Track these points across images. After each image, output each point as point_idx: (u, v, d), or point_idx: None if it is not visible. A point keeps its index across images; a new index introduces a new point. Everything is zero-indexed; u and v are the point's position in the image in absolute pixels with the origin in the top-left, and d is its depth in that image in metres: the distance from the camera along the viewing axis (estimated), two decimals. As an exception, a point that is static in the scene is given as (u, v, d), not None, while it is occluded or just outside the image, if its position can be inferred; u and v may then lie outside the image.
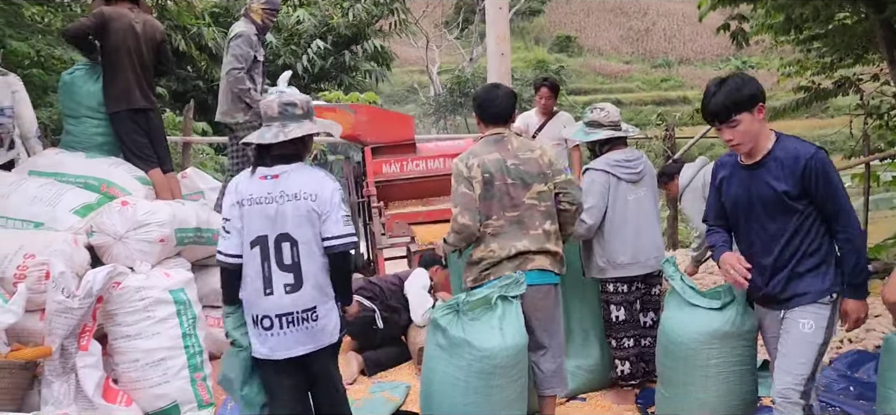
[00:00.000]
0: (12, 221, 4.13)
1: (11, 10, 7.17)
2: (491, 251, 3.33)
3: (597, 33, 40.51)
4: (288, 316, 2.87)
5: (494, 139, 3.43)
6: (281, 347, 2.90)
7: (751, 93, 2.76)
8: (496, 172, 3.33)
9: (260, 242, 2.89)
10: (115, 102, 4.86)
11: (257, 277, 2.89)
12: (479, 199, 3.33)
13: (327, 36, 12.74)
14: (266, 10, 5.35)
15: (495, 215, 3.32)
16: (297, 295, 2.87)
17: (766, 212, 2.83)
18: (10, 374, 3.36)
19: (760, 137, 2.81)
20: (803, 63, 9.29)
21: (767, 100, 2.88)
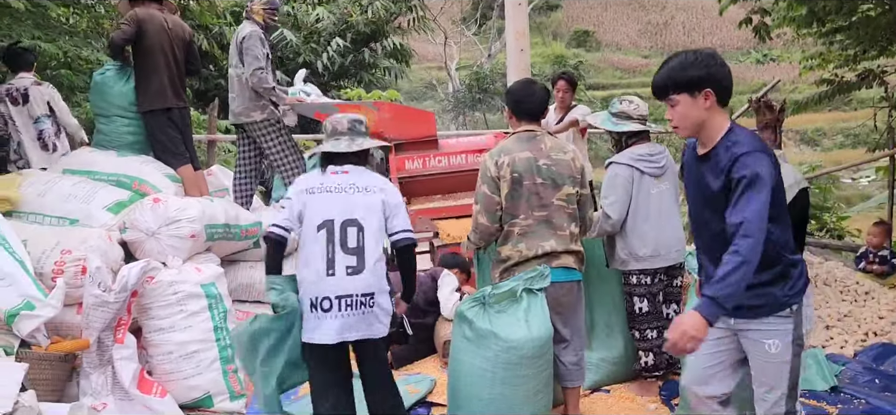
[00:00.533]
0: (49, 218, 4.25)
1: (39, 12, 7.30)
2: (518, 251, 3.38)
3: (615, 28, 40.27)
4: (347, 298, 3.03)
5: (527, 136, 3.45)
6: (336, 329, 3.02)
7: (697, 76, 2.48)
8: (526, 172, 3.37)
9: (326, 225, 3.08)
10: (151, 101, 4.98)
11: (321, 259, 3.06)
12: (507, 198, 3.37)
13: (346, 33, 12.81)
14: (267, 10, 5.44)
15: (523, 215, 3.37)
16: (358, 278, 3.05)
17: (709, 210, 2.58)
18: (51, 366, 3.47)
19: (707, 127, 2.53)
20: (826, 56, 9.23)
21: (789, 92, 2.83)
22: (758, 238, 2.36)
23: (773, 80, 8.40)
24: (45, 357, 3.46)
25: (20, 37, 6.62)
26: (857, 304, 5.13)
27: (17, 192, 4.26)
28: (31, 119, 5.22)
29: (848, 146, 24.83)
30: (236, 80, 5.37)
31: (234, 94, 5.42)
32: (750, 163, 2.40)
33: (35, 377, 3.34)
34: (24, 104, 5.22)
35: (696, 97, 2.50)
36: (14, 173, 4.62)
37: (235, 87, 5.40)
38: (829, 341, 4.68)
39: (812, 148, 26.73)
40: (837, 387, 4.06)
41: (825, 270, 5.73)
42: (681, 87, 2.51)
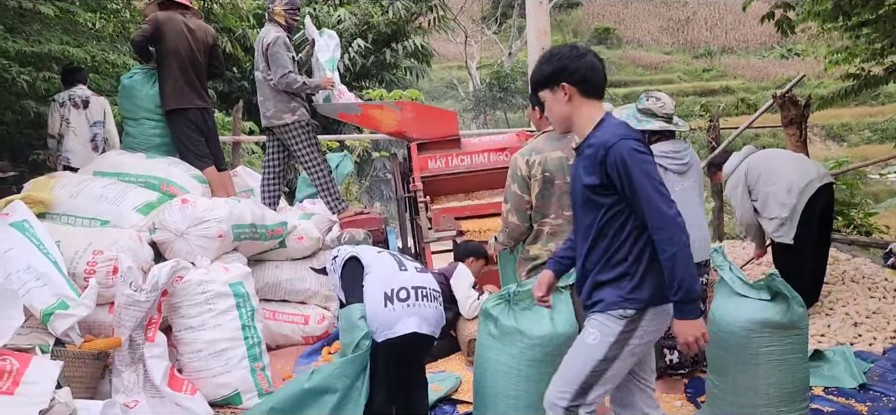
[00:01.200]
0: (81, 219, 4.34)
1: (67, 18, 7.45)
2: (547, 250, 3.40)
3: (636, 24, 39.99)
4: (422, 289, 3.23)
5: (558, 135, 3.46)
6: (415, 321, 3.14)
7: (549, 71, 2.49)
8: (557, 172, 3.39)
9: (383, 251, 3.37)
10: (169, 101, 5.07)
11: (391, 262, 3.29)
12: (537, 197, 3.40)
13: (368, 34, 12.87)
14: (288, 10, 5.49)
15: (553, 214, 3.40)
16: (427, 275, 3.31)
17: (579, 205, 2.56)
18: (84, 364, 3.55)
19: (575, 121, 2.51)
20: (852, 50, 9.09)
21: (814, 88, 2.78)
22: (668, 223, 2.35)
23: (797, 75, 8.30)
24: (79, 355, 3.53)
25: (49, 42, 6.77)
26: (886, 300, 5.07)
27: (50, 194, 4.36)
28: (89, 123, 5.91)
29: (875, 141, 24.42)
30: (265, 84, 5.40)
31: (262, 97, 5.45)
32: (622, 146, 2.38)
33: (70, 375, 3.42)
34: (85, 109, 5.91)
35: (556, 92, 2.51)
36: (47, 176, 4.73)
37: (264, 92, 5.43)
38: (858, 339, 4.63)
39: (838, 144, 26.35)
40: (866, 385, 4.01)
41: (853, 266, 5.67)
42: (540, 85, 2.55)
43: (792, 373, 3.32)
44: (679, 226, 2.36)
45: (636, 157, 2.38)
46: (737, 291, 3.39)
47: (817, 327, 4.74)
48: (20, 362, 3.23)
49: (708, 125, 9.35)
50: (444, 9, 14.72)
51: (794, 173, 4.74)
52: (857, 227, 8.86)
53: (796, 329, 3.30)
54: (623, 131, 2.44)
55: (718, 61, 35.78)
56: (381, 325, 3.12)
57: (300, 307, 4.96)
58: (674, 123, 4.11)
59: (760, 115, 8.50)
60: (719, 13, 38.96)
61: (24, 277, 3.60)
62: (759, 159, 4.89)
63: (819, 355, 4.22)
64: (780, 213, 4.68)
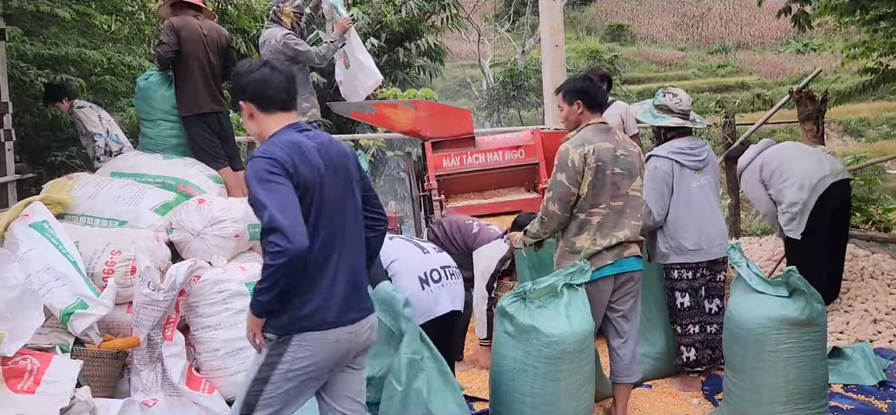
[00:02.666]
0: (99, 219, 4.38)
1: (83, 21, 7.52)
2: (592, 239, 3.41)
3: (650, 21, 39.78)
4: (448, 267, 3.44)
5: (603, 128, 3.50)
6: (448, 299, 3.36)
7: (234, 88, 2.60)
8: (608, 162, 3.41)
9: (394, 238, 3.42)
10: (187, 107, 5.10)
11: (412, 246, 3.41)
12: (590, 186, 3.38)
13: (381, 33, 12.87)
14: (296, 13, 5.57)
15: (603, 204, 3.42)
16: (444, 254, 3.45)
17: None
18: (103, 363, 3.58)
19: (264, 136, 2.55)
20: (870, 44, 9.01)
21: (831, 83, 2.78)
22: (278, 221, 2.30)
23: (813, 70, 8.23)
24: (98, 354, 3.57)
25: (66, 44, 6.84)
26: (906, 297, 5.02)
27: (68, 195, 4.41)
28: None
29: (894, 136, 24.15)
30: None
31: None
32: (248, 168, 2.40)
33: (89, 374, 3.46)
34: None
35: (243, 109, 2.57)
36: (65, 177, 4.77)
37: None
38: (877, 335, 4.59)
39: (856, 139, 26.06)
40: (886, 382, 3.98)
41: (872, 262, 5.62)
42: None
43: (810, 370, 3.30)
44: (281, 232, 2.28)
45: (253, 164, 2.39)
46: (754, 288, 3.37)
47: (836, 323, 4.71)
48: (41, 361, 3.28)
49: (723, 122, 9.28)
50: (457, 7, 14.70)
51: (807, 169, 4.69)
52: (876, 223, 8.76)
53: (814, 326, 3.27)
54: (264, 148, 2.43)
55: (733, 57, 35.51)
56: (421, 309, 3.23)
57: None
58: (690, 120, 4.10)
59: (776, 111, 8.44)
60: (734, 8, 38.65)
61: (44, 277, 3.64)
62: (773, 154, 4.86)
63: (838, 352, 4.19)
64: (792, 209, 4.64)
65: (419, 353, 3.02)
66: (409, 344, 3.01)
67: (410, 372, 2.97)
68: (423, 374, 3.00)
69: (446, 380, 3.08)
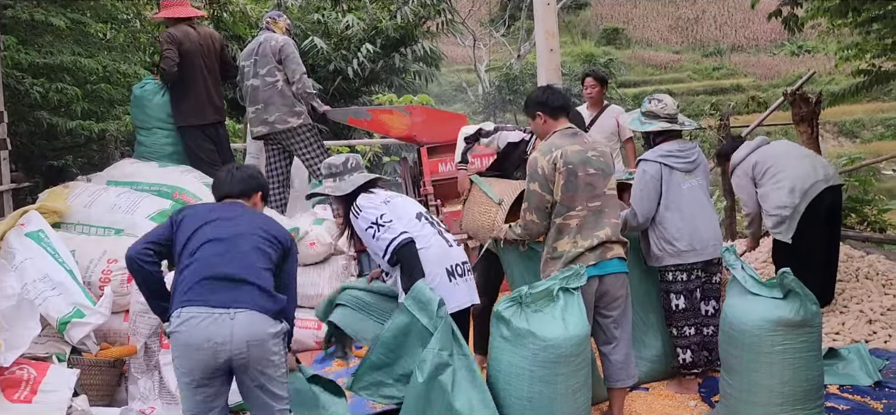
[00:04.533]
0: (95, 228, 4.39)
1: (79, 29, 7.53)
2: (574, 242, 3.43)
3: (645, 24, 39.88)
4: (466, 263, 3.53)
5: (570, 132, 3.55)
6: (467, 293, 3.50)
7: None
8: (579, 163, 3.44)
9: (422, 214, 3.47)
10: (186, 117, 5.12)
11: (438, 237, 3.44)
12: (563, 190, 3.42)
13: (376, 39, 12.88)
14: (288, 30, 5.64)
15: (580, 206, 3.44)
16: (460, 247, 3.52)
17: None
18: (101, 371, 3.59)
19: None
20: (862, 46, 9.06)
21: (826, 84, 2.80)
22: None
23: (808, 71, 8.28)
24: (95, 363, 3.58)
25: (61, 53, 6.84)
26: (901, 297, 5.03)
27: (65, 204, 4.41)
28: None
29: (888, 137, 24.20)
30: (271, 88, 5.38)
31: (262, 104, 5.39)
32: None
33: (86, 382, 3.47)
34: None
35: None
36: (61, 186, 4.78)
37: (270, 96, 5.39)
38: (873, 336, 4.60)
39: (851, 140, 26.17)
40: (882, 382, 3.99)
41: (867, 263, 5.63)
42: None
43: (806, 371, 3.31)
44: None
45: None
46: (749, 290, 3.38)
47: (831, 324, 4.72)
48: (38, 370, 3.28)
49: (718, 124, 9.31)
50: (453, 12, 14.72)
51: (800, 173, 4.69)
52: (871, 223, 8.80)
53: (809, 327, 3.29)
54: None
55: (728, 59, 35.63)
56: (450, 301, 3.31)
57: (313, 312, 4.98)
58: (679, 123, 4.13)
59: (771, 112, 8.48)
60: (728, 11, 38.78)
61: (41, 286, 3.65)
62: (767, 154, 4.86)
63: (834, 353, 4.20)
64: (781, 212, 4.66)
65: (447, 348, 3.09)
66: (439, 341, 3.08)
67: (436, 367, 3.03)
68: (450, 369, 3.05)
69: (474, 380, 3.11)
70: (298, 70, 5.36)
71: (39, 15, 6.29)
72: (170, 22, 5.17)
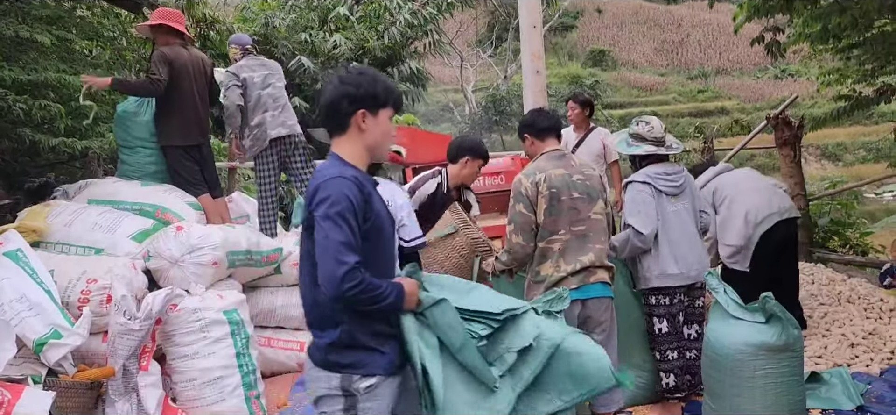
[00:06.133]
0: (75, 247, 4.33)
1: (64, 46, 7.48)
2: (557, 266, 3.41)
3: (631, 46, 40.29)
4: None
5: (557, 155, 3.55)
6: None
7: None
8: (563, 187, 3.44)
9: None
10: (171, 137, 5.07)
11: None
12: (545, 214, 3.42)
13: (363, 59, 12.92)
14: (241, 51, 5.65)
15: (563, 230, 3.42)
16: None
17: None
18: (78, 393, 3.53)
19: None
20: (843, 71, 9.19)
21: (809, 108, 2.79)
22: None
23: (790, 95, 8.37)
24: (71, 385, 3.51)
25: (46, 70, 6.79)
26: (882, 321, 5.06)
27: (44, 222, 4.35)
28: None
29: (870, 160, 24.55)
30: (284, 97, 5.56)
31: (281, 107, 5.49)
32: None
33: (62, 405, 3.40)
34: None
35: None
36: (41, 204, 4.71)
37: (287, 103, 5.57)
38: (855, 360, 4.62)
39: (833, 163, 26.47)
40: (864, 406, 4.00)
41: (849, 287, 5.67)
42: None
43: (788, 395, 3.32)
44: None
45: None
46: (732, 314, 3.39)
47: (814, 348, 4.74)
48: (12, 393, 3.22)
49: (702, 147, 9.39)
50: (440, 33, 14.80)
51: (754, 205, 4.73)
52: (853, 247, 8.88)
53: (791, 351, 3.30)
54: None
55: (713, 82, 36.04)
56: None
57: (296, 334, 4.94)
58: (666, 147, 4.14)
59: (754, 136, 8.55)
60: (713, 35, 39.28)
61: (18, 307, 3.58)
62: (727, 182, 4.92)
63: (816, 377, 4.21)
64: (736, 241, 4.70)
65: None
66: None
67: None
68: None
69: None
70: (223, 88, 5.45)
71: (24, 32, 6.25)
72: (160, 40, 5.13)
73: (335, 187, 2.17)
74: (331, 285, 2.10)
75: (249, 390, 3.97)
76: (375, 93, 2.30)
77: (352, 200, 2.16)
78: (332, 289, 2.10)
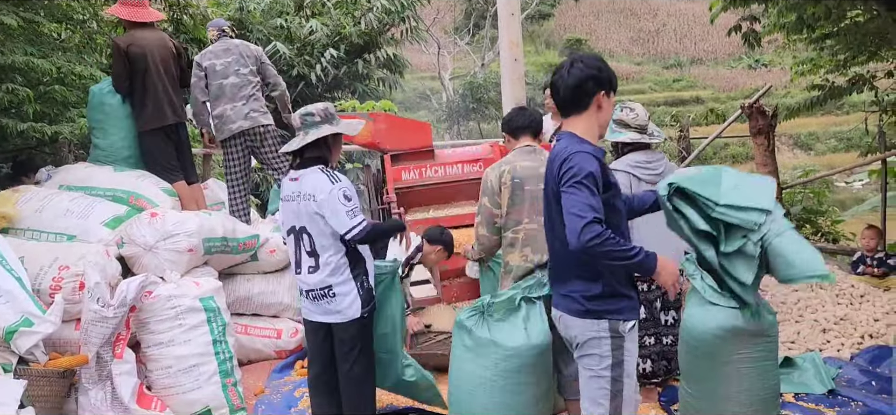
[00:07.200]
0: (46, 234, 4.25)
1: (31, 29, 7.30)
2: (523, 255, 3.41)
3: (607, 35, 40.46)
4: (311, 291, 3.33)
5: (528, 150, 3.57)
6: (308, 312, 3.42)
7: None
8: (528, 178, 3.45)
9: (293, 232, 3.33)
10: (148, 122, 5.00)
11: (293, 259, 3.37)
12: (509, 203, 3.43)
13: (340, 45, 12.79)
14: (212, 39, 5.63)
15: (527, 218, 3.42)
16: (316, 275, 3.29)
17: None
18: (49, 382, 3.46)
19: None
20: (817, 61, 9.30)
21: (782, 98, 2.86)
22: None
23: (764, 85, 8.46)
24: (43, 374, 3.45)
25: (13, 53, 6.63)
26: (853, 307, 5.15)
27: (14, 208, 4.26)
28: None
29: (841, 150, 24.98)
30: (255, 87, 5.44)
31: (242, 100, 5.37)
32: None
33: (33, 394, 3.34)
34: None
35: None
36: (10, 190, 4.61)
37: (252, 93, 5.43)
38: (826, 345, 4.70)
39: (805, 152, 26.88)
40: (835, 390, 4.07)
41: (820, 273, 5.75)
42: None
43: (763, 379, 3.35)
44: None
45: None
46: (708, 300, 3.40)
47: (787, 333, 4.81)
48: (-18, 381, 3.15)
49: (678, 135, 9.47)
50: (417, 20, 14.71)
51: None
52: (825, 234, 9.03)
53: (767, 336, 3.33)
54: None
55: (688, 72, 36.35)
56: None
57: (272, 321, 4.91)
58: (648, 134, 4.15)
59: (729, 125, 8.63)
60: (688, 24, 39.59)
61: (-13, 294, 3.50)
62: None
63: (789, 361, 4.27)
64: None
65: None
66: None
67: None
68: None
69: None
70: (279, 79, 5.59)
71: (-11, 14, 6.08)
72: (126, 24, 5.07)
73: (579, 159, 2.50)
74: (574, 238, 2.42)
75: (226, 377, 3.93)
76: (611, 77, 2.65)
77: (593, 170, 2.49)
78: (575, 241, 2.42)
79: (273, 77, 5.62)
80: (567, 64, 2.66)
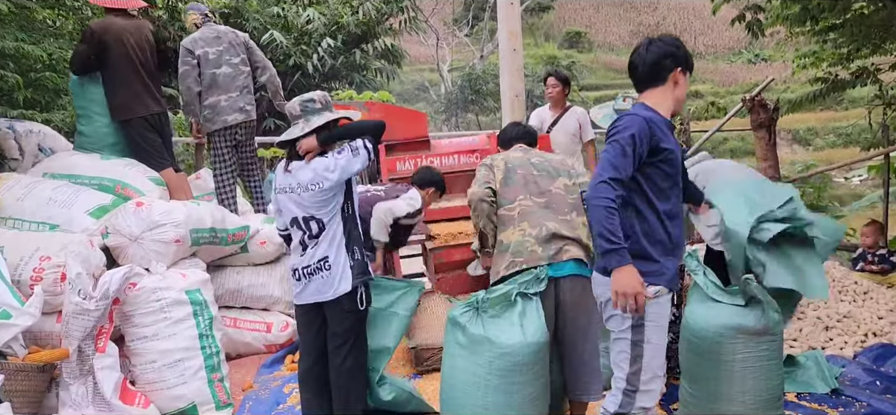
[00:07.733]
0: (28, 223, 4.13)
1: (23, 15, 7.17)
2: (522, 231, 3.26)
3: (607, 28, 40.31)
4: (307, 267, 3.27)
5: (519, 149, 3.61)
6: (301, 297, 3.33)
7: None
8: (520, 165, 3.43)
9: (296, 223, 3.30)
10: (125, 111, 4.87)
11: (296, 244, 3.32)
12: (502, 184, 3.38)
13: (337, 35, 12.68)
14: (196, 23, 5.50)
15: (522, 195, 3.34)
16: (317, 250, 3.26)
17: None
18: (28, 376, 3.35)
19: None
20: (819, 54, 9.20)
21: (782, 92, 2.82)
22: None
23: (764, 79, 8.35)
24: (21, 368, 3.33)
25: (4, 39, 6.50)
26: (856, 304, 5.05)
27: (-5, 196, 4.15)
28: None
29: (839, 145, 24.89)
30: (246, 78, 5.33)
31: (235, 93, 5.28)
32: None
33: (11, 389, 3.23)
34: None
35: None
36: (-8, 178, 4.49)
37: (245, 84, 5.34)
38: (829, 343, 4.60)
39: (804, 147, 26.78)
40: (838, 390, 3.97)
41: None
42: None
43: (766, 379, 3.25)
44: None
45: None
46: (711, 296, 3.30)
47: (789, 331, 4.71)
48: (-44, 376, 3.04)
49: (678, 128, 9.35)
50: (416, 10, 14.58)
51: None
52: (825, 230, 8.92)
53: (771, 335, 3.22)
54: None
55: (688, 66, 36.18)
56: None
57: (262, 314, 4.79)
58: None
59: (729, 118, 8.53)
60: (688, 18, 39.44)
61: (-36, 285, 3.39)
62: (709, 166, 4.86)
63: (791, 360, 4.17)
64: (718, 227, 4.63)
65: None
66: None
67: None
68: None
69: None
70: (271, 66, 5.49)
71: (-21, 0, 5.97)
72: (106, 10, 4.97)
73: (628, 121, 2.59)
74: (590, 187, 2.53)
75: (212, 372, 3.83)
76: (687, 56, 2.80)
77: (635, 132, 2.55)
78: (590, 190, 2.53)
79: (261, 60, 5.49)
80: (645, 43, 2.82)
